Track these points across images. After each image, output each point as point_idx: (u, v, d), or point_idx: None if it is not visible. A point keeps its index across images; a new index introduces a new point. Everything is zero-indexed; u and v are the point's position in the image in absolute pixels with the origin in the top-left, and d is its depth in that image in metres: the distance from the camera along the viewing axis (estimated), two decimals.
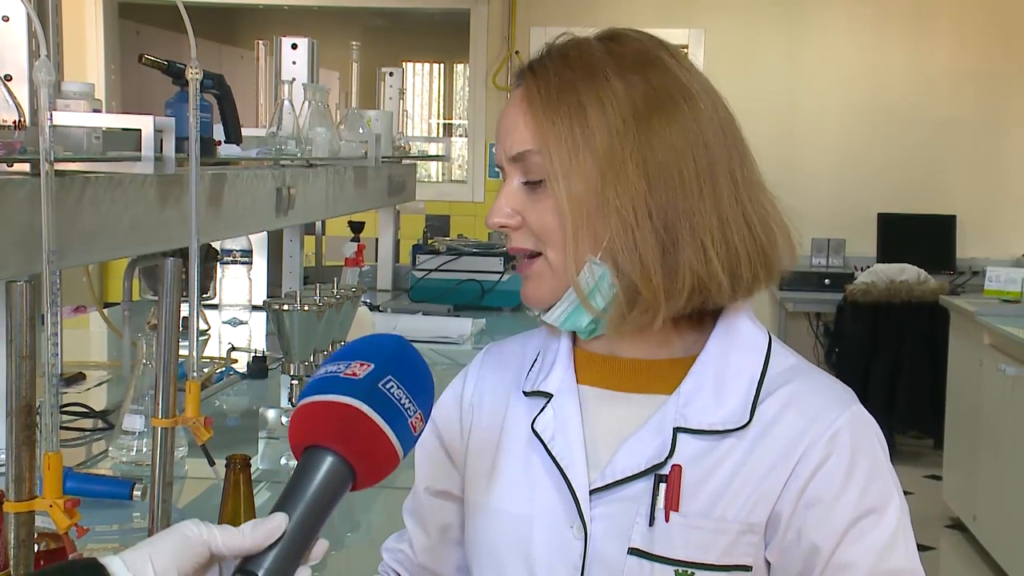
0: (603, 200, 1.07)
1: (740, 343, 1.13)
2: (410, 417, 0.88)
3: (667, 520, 1.07)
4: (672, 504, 1.07)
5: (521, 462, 1.16)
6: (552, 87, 1.10)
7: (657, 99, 1.09)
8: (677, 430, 1.09)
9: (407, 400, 0.88)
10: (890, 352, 5.84)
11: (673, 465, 1.08)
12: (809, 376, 1.13)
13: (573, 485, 1.11)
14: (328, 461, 0.83)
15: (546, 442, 1.14)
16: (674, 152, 1.08)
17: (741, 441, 1.08)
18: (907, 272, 5.82)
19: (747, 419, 1.09)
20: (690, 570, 1.06)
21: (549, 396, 1.17)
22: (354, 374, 0.87)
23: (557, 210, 1.09)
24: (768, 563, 1.08)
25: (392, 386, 0.87)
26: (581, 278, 1.09)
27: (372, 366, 0.88)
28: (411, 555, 1.29)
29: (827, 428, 1.08)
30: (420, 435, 0.89)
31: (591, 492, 1.11)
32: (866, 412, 1.12)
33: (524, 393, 1.19)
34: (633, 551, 1.08)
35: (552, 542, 1.12)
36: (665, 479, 1.08)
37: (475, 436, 1.23)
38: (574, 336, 1.19)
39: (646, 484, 1.09)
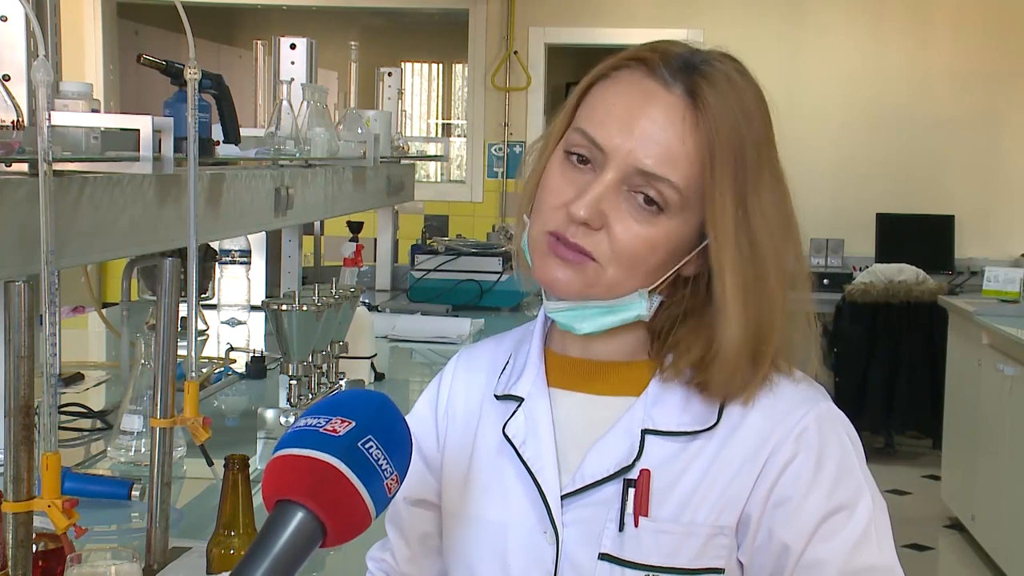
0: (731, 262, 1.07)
1: None
2: (386, 478, 0.87)
3: (636, 525, 1.06)
4: (641, 509, 1.06)
5: (493, 467, 1.16)
6: (726, 137, 1.06)
7: (775, 156, 1.13)
8: (645, 432, 1.09)
9: (385, 461, 0.87)
10: (889, 352, 5.84)
11: (642, 470, 1.07)
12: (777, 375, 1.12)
13: (544, 490, 1.11)
14: (299, 517, 0.83)
15: (517, 447, 1.14)
16: (787, 215, 1.12)
17: (709, 443, 1.08)
18: (906, 272, 5.82)
19: (715, 420, 1.08)
20: (661, 575, 1.06)
21: (520, 400, 1.16)
22: (334, 431, 0.86)
23: (652, 243, 1.07)
24: (741, 565, 1.08)
25: (371, 446, 0.86)
26: (633, 302, 1.10)
27: (353, 424, 0.87)
28: (394, 564, 1.28)
29: (794, 426, 1.07)
30: (394, 496, 0.89)
31: (562, 497, 1.10)
32: (835, 408, 1.10)
33: (496, 397, 1.19)
34: (604, 556, 1.07)
35: (525, 548, 1.11)
36: (634, 484, 1.07)
37: (450, 443, 1.22)
38: (546, 339, 1.19)
39: (616, 488, 1.08)
